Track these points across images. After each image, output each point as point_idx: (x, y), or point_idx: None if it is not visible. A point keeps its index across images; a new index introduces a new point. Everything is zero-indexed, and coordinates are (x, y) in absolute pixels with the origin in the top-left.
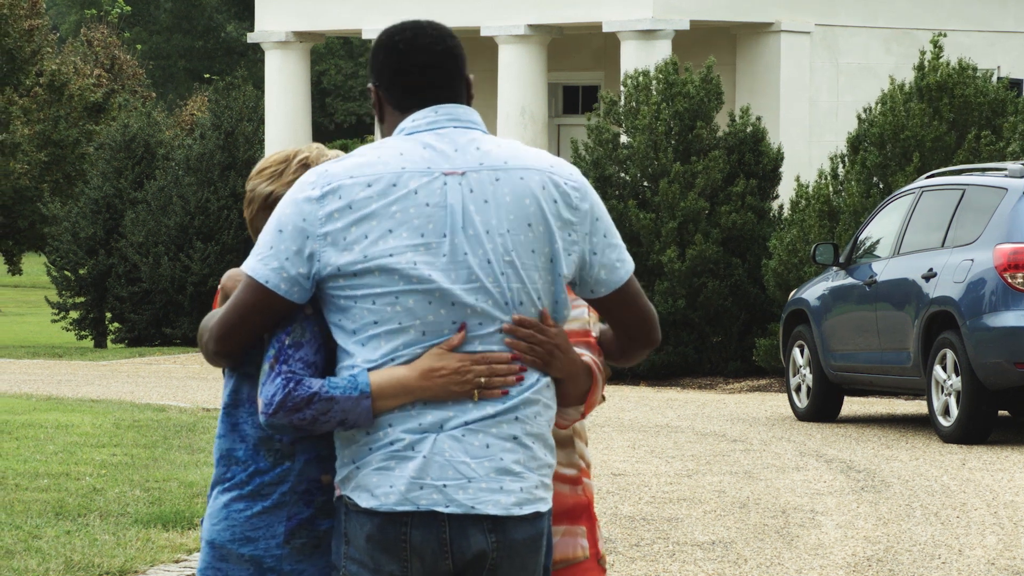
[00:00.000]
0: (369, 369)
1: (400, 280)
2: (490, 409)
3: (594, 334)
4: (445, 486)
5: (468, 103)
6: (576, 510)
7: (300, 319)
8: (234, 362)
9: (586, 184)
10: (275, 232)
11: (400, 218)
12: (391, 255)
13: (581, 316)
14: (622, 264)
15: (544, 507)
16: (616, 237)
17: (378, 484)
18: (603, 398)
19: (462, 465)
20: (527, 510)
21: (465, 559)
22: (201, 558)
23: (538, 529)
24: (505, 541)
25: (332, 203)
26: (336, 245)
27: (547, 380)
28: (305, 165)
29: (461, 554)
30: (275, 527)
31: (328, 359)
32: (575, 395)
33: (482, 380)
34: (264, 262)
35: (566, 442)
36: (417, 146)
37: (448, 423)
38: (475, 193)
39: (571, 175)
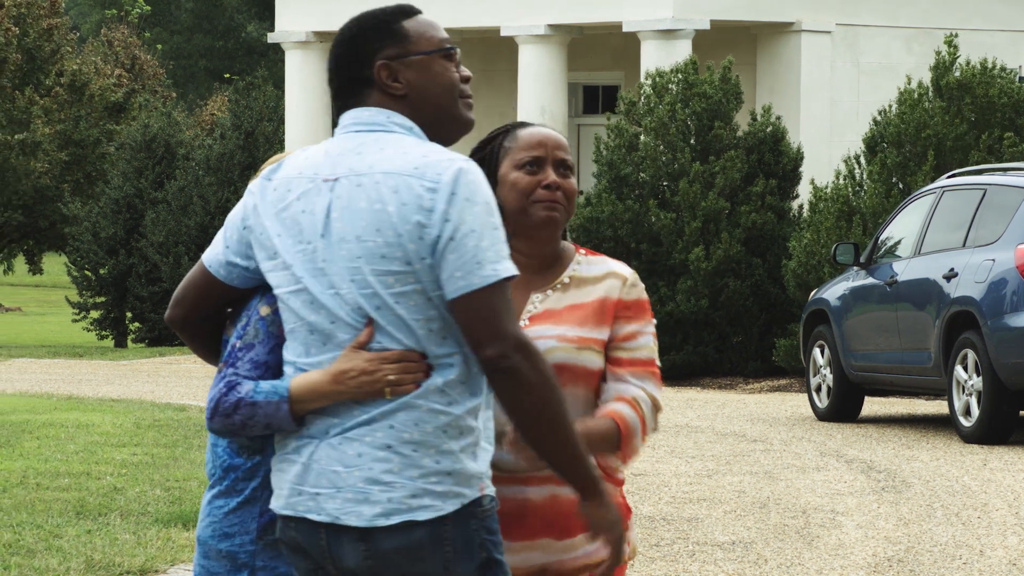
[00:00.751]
0: (304, 370)
1: (289, 281)
2: (364, 416)
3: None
4: (318, 494)
5: (390, 91)
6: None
7: (255, 319)
8: (185, 334)
9: (452, 183)
10: (229, 219)
11: (287, 222)
12: (283, 256)
13: (647, 344)
14: (467, 275)
15: (424, 515)
16: (481, 241)
17: (277, 485)
18: (652, 429)
19: (333, 474)
20: (394, 520)
21: (343, 566)
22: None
23: (413, 539)
24: (376, 552)
25: (255, 199)
26: (256, 241)
27: (436, 383)
28: None
29: (340, 561)
30: (248, 523)
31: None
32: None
33: (391, 377)
34: (213, 246)
35: None
36: (320, 151)
37: (332, 430)
38: (340, 199)
39: (435, 175)
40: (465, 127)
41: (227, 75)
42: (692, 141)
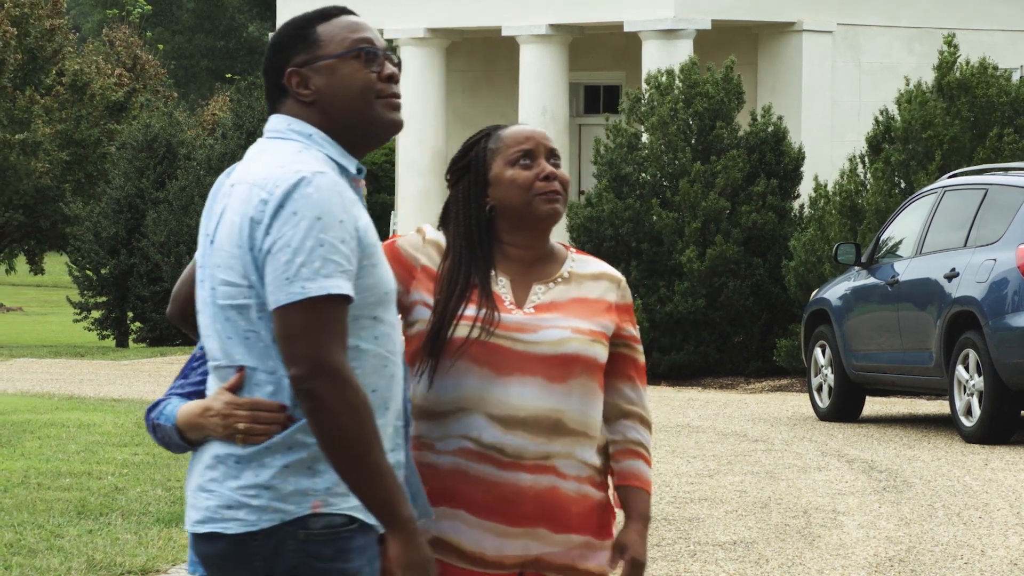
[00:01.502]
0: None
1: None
2: None
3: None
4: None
5: (300, 99)
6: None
7: None
8: (186, 326)
9: (283, 196)
10: None
11: (202, 224)
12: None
13: (641, 347)
14: (276, 291)
15: (232, 528)
16: (296, 257)
17: None
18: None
19: (188, 481)
20: (204, 529)
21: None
22: None
23: (221, 550)
24: (199, 556)
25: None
26: None
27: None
28: None
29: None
30: None
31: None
32: None
33: (241, 426)
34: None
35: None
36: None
37: (204, 437)
38: (227, 207)
39: (272, 187)
40: (388, 128)
41: (228, 75)
42: (693, 141)
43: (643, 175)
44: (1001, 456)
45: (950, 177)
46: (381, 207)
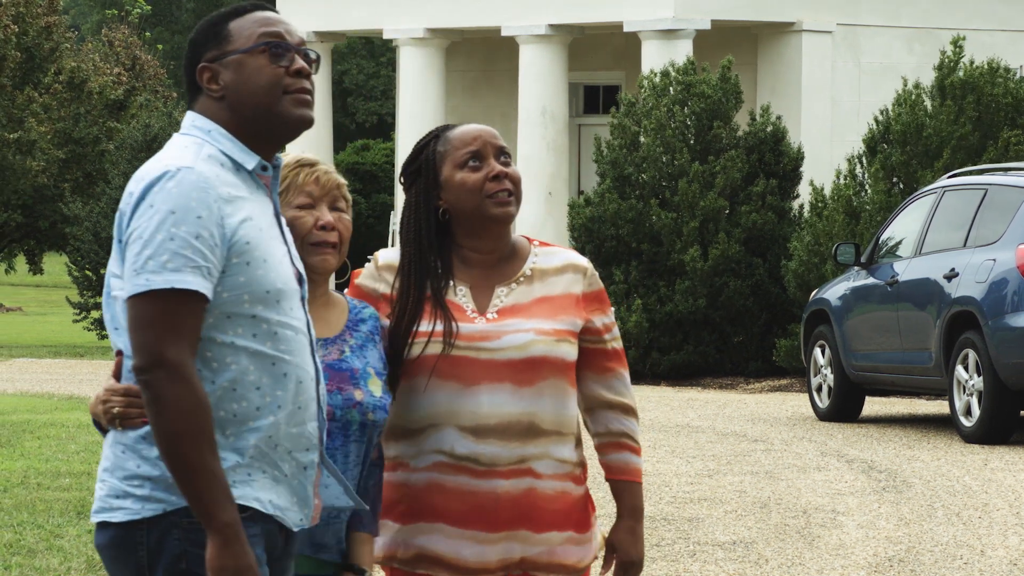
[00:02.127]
0: None
1: None
2: None
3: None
4: None
5: (210, 94)
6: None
7: None
8: None
9: (144, 189)
10: None
11: None
12: None
13: (618, 333)
14: (126, 281)
15: (118, 517)
16: (145, 249)
17: None
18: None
19: None
20: (100, 517)
21: None
22: None
23: (111, 539)
24: (97, 545)
25: None
26: None
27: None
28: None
29: None
30: None
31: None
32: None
33: (116, 410)
34: None
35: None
36: None
37: None
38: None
39: (139, 179)
40: (295, 124)
41: None
42: (692, 141)
43: (642, 175)
44: (1001, 456)
45: (950, 177)
46: (381, 207)
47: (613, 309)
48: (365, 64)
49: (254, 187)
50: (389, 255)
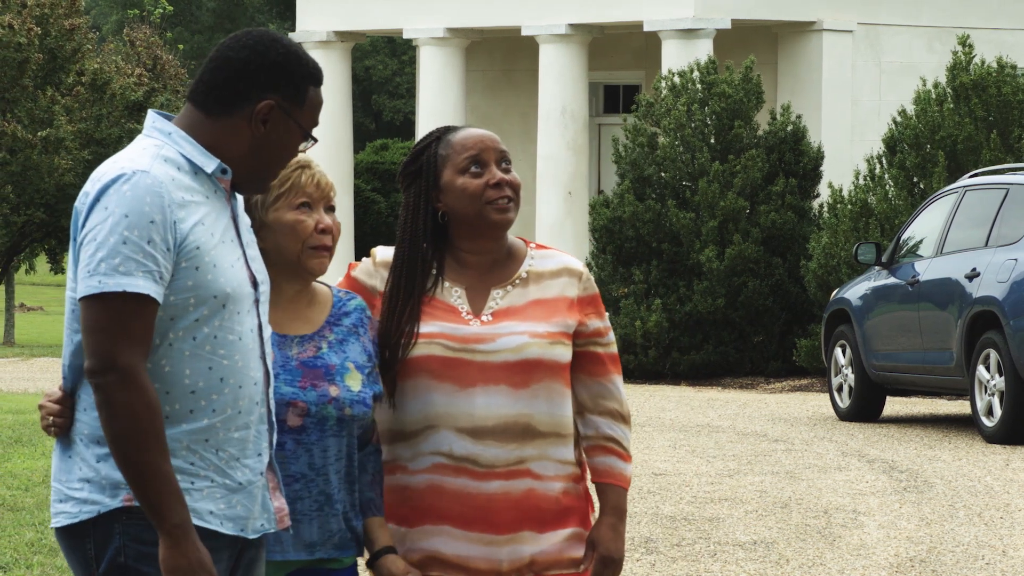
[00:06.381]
0: None
1: None
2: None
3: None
4: None
5: (251, 127)
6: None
7: None
8: None
9: (99, 190)
10: None
11: None
12: None
13: (613, 337)
14: (79, 283)
15: (63, 521)
16: (98, 251)
17: None
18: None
19: None
20: (58, 522)
21: None
22: None
23: (60, 541)
24: (61, 548)
25: None
26: None
27: (86, 392)
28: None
29: None
30: None
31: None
32: None
33: (50, 419)
34: None
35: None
36: None
37: None
38: None
39: (95, 180)
40: (264, 189)
41: None
42: (712, 140)
43: (663, 175)
44: (1022, 456)
45: (971, 176)
46: (399, 206)
47: (608, 314)
48: (389, 61)
49: (211, 190)
50: (387, 252)
